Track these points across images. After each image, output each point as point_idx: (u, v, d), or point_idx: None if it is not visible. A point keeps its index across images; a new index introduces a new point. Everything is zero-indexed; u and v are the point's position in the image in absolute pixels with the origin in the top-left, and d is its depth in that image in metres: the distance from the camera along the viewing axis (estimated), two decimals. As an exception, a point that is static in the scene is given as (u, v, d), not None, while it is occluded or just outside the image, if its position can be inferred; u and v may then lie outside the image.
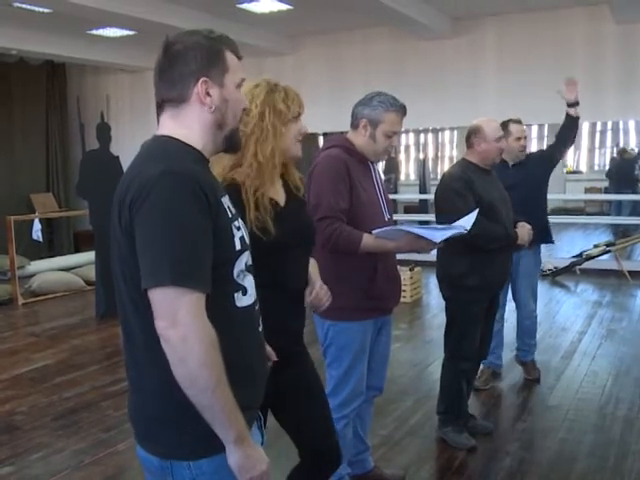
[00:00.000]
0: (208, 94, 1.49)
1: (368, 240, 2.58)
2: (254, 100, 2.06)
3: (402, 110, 2.75)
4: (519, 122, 4.32)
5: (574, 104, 4.37)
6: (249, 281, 1.54)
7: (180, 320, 1.32)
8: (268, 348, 1.79)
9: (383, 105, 2.71)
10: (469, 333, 3.43)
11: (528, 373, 4.62)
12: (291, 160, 2.19)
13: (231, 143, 1.58)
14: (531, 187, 4.29)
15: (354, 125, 2.78)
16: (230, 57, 1.53)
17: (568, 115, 4.41)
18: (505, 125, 4.20)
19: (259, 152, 2.05)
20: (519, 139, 4.25)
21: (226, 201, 1.51)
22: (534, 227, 3.57)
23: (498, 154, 3.46)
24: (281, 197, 2.15)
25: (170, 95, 1.50)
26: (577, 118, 4.40)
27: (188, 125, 1.50)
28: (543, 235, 4.36)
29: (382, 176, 3.01)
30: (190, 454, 1.45)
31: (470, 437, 3.59)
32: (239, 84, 1.55)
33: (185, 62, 1.47)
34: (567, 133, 4.44)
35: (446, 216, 3.19)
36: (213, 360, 1.34)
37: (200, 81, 1.48)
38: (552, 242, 4.62)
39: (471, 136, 3.46)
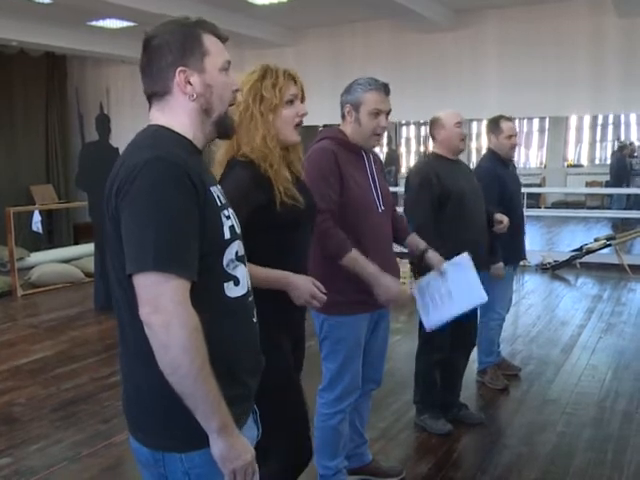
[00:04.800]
0: (189, 83, 1.48)
1: (354, 254, 2.58)
2: (242, 88, 2.05)
3: (383, 88, 2.73)
4: (510, 119, 4.14)
5: None
6: (241, 271, 1.52)
7: (162, 306, 1.31)
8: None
9: (361, 86, 2.73)
10: None
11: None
12: (289, 145, 2.17)
13: (222, 128, 1.56)
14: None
15: (342, 115, 2.80)
16: (210, 40, 1.50)
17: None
18: (496, 122, 4.09)
19: (252, 140, 2.05)
20: (510, 137, 4.06)
21: (216, 190, 1.49)
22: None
23: (460, 139, 3.45)
24: (289, 176, 2.15)
25: (154, 89, 1.51)
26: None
27: (175, 116, 1.49)
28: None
29: (382, 166, 3.00)
30: (182, 446, 1.44)
31: (447, 423, 3.64)
32: (223, 67, 1.52)
33: (162, 55, 1.47)
34: None
35: (411, 210, 3.35)
36: (196, 347, 1.32)
37: (177, 71, 1.47)
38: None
39: (431, 128, 3.51)
